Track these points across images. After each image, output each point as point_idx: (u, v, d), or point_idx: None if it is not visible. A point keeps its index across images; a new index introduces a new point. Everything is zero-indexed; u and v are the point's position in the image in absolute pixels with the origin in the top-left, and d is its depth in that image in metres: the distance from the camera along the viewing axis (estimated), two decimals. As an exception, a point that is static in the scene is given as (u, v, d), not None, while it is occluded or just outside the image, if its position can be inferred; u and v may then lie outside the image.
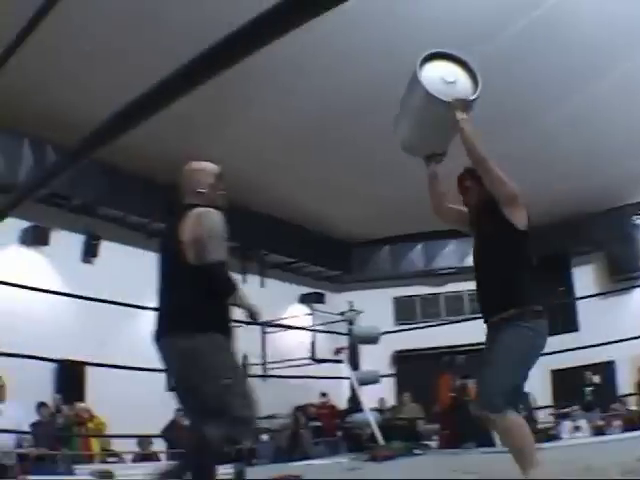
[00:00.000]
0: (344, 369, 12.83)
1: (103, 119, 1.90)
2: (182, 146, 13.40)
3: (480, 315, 4.84)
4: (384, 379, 13.11)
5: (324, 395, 16.66)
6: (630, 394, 15.49)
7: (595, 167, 15.65)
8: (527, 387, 13.30)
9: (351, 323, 12.90)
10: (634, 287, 17.51)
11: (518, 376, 4.61)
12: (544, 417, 15.71)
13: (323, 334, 16.69)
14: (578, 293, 18.89)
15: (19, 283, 8.74)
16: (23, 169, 12.98)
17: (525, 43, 11.67)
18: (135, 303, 10.05)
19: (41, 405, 12.00)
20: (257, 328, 16.13)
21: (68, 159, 1.92)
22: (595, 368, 16.68)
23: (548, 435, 13.28)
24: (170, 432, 12.86)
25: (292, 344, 16.67)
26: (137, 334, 13.49)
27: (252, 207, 16.73)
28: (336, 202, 17.09)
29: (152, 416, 12.34)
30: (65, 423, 12.32)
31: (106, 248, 14.85)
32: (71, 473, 7.74)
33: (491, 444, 10.13)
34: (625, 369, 17.20)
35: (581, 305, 18.58)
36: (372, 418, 11.07)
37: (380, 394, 15.43)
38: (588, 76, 12.62)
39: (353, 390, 11.96)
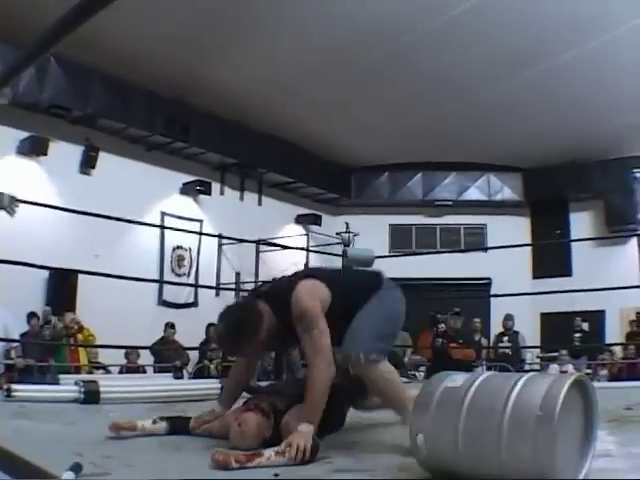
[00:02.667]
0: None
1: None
2: (189, 65, 13.36)
3: None
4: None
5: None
6: (617, 344, 15.54)
7: (602, 115, 15.59)
8: (517, 326, 13.54)
9: (346, 245, 12.64)
10: (629, 237, 17.67)
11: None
12: (531, 359, 15.87)
13: (316, 257, 16.23)
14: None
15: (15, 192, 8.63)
16: (24, 79, 12.83)
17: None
18: (131, 216, 10.07)
19: (31, 315, 12.07)
20: (252, 246, 16.15)
21: (25, 57, 1.92)
22: (585, 315, 16.62)
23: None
24: (159, 347, 13.04)
25: (286, 264, 16.64)
26: (131, 249, 13.58)
27: (253, 125, 16.58)
28: (338, 126, 16.94)
29: (141, 330, 12.46)
30: (53, 334, 12.39)
31: (105, 160, 14.74)
32: (57, 383, 7.86)
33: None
34: (614, 319, 17.42)
35: (575, 252, 18.98)
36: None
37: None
38: (599, 24, 12.51)
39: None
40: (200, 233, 15.82)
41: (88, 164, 14.53)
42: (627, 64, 13.59)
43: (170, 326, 13.90)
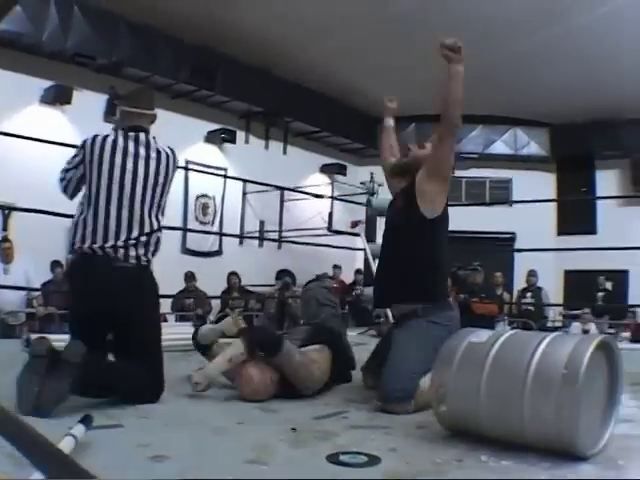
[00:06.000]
0: (359, 243, 12.65)
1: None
2: (214, 9, 13.19)
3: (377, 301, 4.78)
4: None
5: (337, 267, 15.81)
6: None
7: (634, 73, 15.12)
8: (541, 283, 13.44)
9: (371, 194, 12.57)
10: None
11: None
12: (553, 316, 15.79)
13: (341, 207, 16.18)
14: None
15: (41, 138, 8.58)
16: (48, 28, 12.87)
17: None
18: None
19: (55, 264, 11.90)
20: (276, 195, 16.12)
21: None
22: (609, 275, 16.13)
23: (557, 334, 13.29)
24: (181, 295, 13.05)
25: (310, 214, 16.67)
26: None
27: (280, 74, 16.10)
28: (365, 76, 16.69)
29: (165, 278, 12.40)
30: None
31: (129, 109, 14.58)
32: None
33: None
34: (638, 280, 17.06)
35: (600, 210, 18.18)
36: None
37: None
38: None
39: (366, 263, 11.66)
40: (225, 176, 15.64)
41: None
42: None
43: (190, 277, 13.78)
